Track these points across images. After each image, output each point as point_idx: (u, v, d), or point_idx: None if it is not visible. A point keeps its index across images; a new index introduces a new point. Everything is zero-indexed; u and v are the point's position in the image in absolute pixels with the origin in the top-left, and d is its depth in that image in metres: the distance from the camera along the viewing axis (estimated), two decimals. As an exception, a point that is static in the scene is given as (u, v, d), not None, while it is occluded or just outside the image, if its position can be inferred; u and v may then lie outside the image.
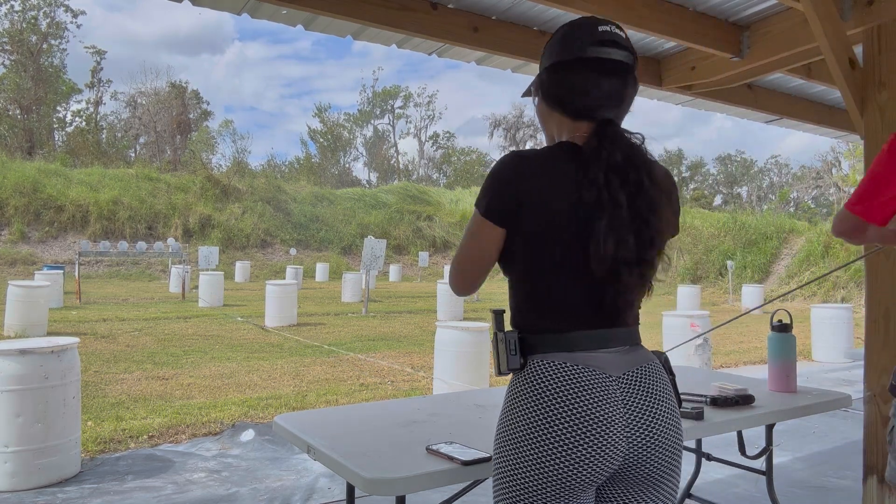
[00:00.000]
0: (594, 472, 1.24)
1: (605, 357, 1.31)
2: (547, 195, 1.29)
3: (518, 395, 1.31)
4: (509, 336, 1.34)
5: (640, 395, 1.30)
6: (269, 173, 43.65)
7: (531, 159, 1.33)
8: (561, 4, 2.98)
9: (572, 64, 1.35)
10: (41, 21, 43.06)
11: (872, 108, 2.96)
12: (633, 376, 1.31)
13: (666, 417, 1.32)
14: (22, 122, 42.04)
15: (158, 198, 30.26)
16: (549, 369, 1.28)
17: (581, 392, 1.25)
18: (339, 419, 2.03)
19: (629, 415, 1.28)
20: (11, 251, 24.60)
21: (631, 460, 1.28)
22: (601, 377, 1.28)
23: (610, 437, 1.25)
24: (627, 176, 1.28)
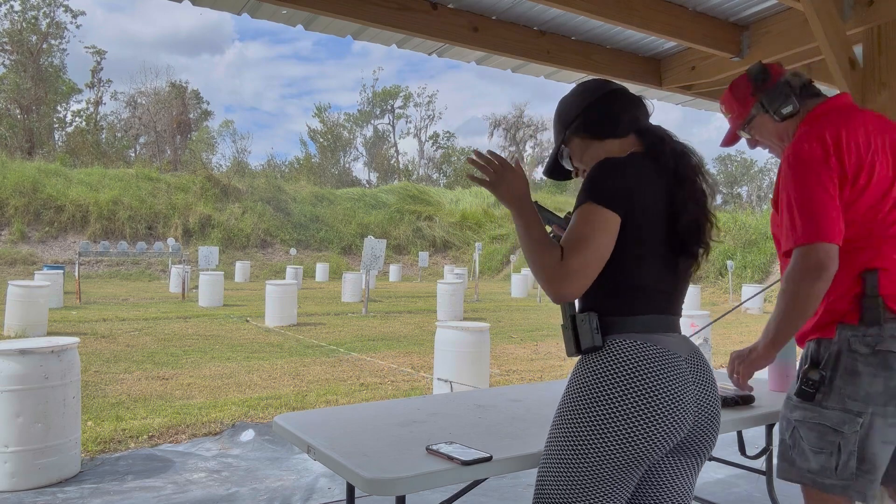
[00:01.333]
0: (666, 444, 1.39)
1: (673, 340, 1.46)
2: (643, 186, 1.46)
3: (598, 373, 1.42)
4: (591, 317, 1.44)
5: (702, 376, 1.48)
6: (269, 173, 43.68)
7: (623, 158, 1.50)
8: (561, 4, 2.98)
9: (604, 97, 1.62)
10: (41, 21, 43.08)
11: (872, 108, 2.96)
12: (695, 359, 1.49)
13: (716, 398, 1.52)
14: (22, 122, 42.04)
15: (158, 198, 30.26)
16: (630, 348, 1.40)
17: (661, 371, 1.39)
18: (339, 419, 2.03)
19: (697, 393, 1.44)
20: (11, 251, 24.60)
21: (692, 434, 1.46)
22: (676, 358, 1.42)
23: (684, 412, 1.39)
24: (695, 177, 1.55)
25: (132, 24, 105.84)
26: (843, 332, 1.82)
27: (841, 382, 1.80)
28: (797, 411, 1.87)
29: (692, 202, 1.50)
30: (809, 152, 1.80)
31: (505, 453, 1.68)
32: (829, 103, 1.97)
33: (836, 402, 1.79)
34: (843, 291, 1.83)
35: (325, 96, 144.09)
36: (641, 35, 3.69)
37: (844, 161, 1.78)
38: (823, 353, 1.85)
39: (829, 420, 1.80)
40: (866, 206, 1.80)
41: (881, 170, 1.81)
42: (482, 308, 17.01)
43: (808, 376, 1.85)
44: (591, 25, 3.61)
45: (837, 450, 1.78)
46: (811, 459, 1.83)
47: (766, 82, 2.03)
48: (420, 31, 3.23)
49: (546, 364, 8.71)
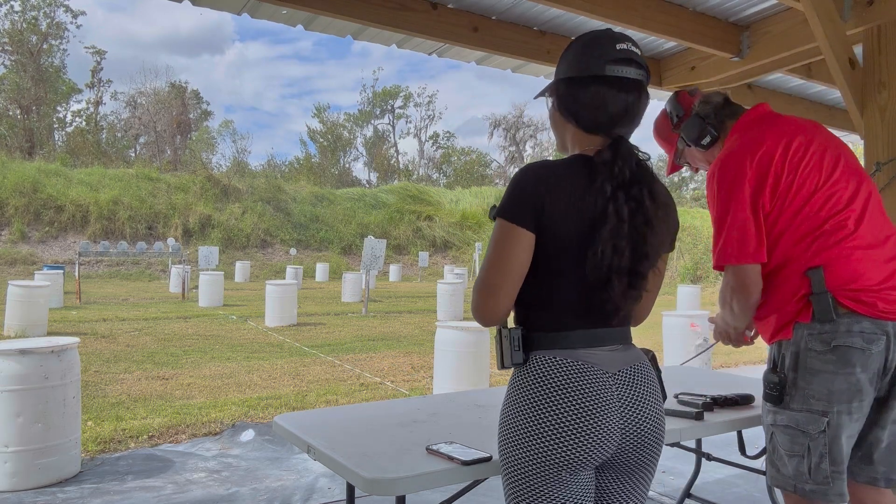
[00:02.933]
0: (589, 455, 1.35)
1: (601, 355, 1.41)
2: (562, 203, 1.37)
3: (520, 388, 1.40)
4: (513, 333, 1.42)
5: (633, 391, 1.41)
6: (269, 173, 43.71)
7: (548, 168, 1.40)
8: (561, 4, 2.99)
9: (590, 81, 1.42)
10: (41, 21, 43.08)
11: (872, 108, 2.96)
12: (627, 374, 1.42)
13: (654, 413, 1.44)
14: (22, 122, 42.04)
15: (158, 198, 30.26)
16: (551, 364, 1.38)
17: (580, 386, 1.35)
18: (339, 419, 2.03)
19: (623, 409, 1.39)
20: (11, 251, 24.60)
21: (622, 449, 1.40)
22: (599, 373, 1.38)
23: (605, 427, 1.35)
24: (631, 191, 1.37)
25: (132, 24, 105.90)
26: (799, 330, 1.83)
27: (803, 382, 1.81)
28: (770, 416, 1.89)
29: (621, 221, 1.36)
30: (729, 172, 1.89)
31: (505, 453, 1.68)
32: (746, 117, 2.02)
33: (801, 403, 1.80)
34: (791, 292, 1.85)
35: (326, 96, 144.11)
36: (641, 35, 3.68)
37: (767, 171, 1.84)
38: (783, 354, 1.86)
39: (795, 422, 1.81)
40: (798, 207, 1.83)
41: (808, 171, 1.84)
42: (482, 308, 16.99)
43: (768, 379, 1.87)
44: (591, 25, 3.61)
45: (808, 451, 1.78)
46: (787, 464, 1.83)
47: (681, 118, 2.15)
48: (420, 31, 3.23)
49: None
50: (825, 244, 1.82)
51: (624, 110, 1.42)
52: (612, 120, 1.42)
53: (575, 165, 1.40)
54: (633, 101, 1.42)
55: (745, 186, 1.85)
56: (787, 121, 1.96)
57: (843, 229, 1.82)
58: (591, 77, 1.42)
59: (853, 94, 2.98)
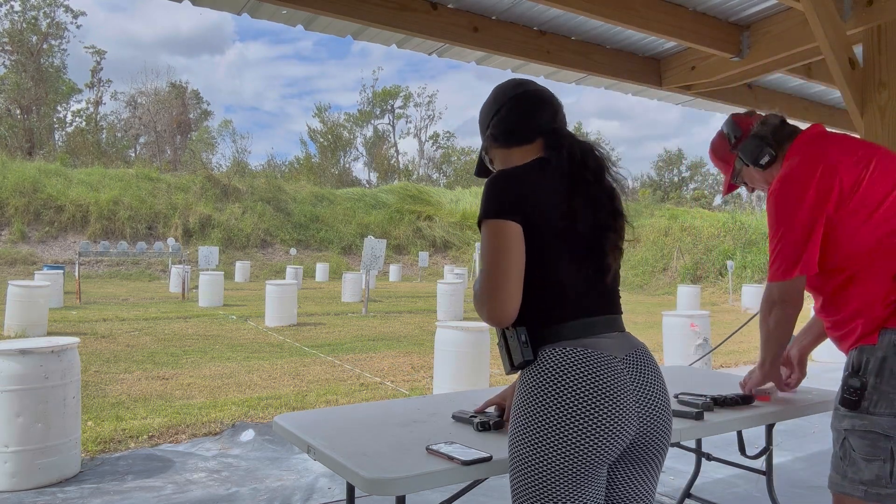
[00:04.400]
0: (612, 447, 1.35)
1: (607, 342, 1.43)
2: (541, 194, 1.43)
3: (535, 385, 1.39)
4: (518, 331, 1.42)
5: (642, 374, 1.43)
6: (269, 173, 43.68)
7: (517, 168, 1.47)
8: (561, 4, 2.99)
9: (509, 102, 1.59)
10: (41, 21, 43.08)
11: (872, 108, 2.96)
12: (634, 358, 1.45)
13: (663, 394, 1.47)
14: (22, 122, 42.04)
15: (158, 198, 30.26)
16: (563, 356, 1.38)
17: (596, 374, 1.36)
18: (339, 419, 2.03)
19: (637, 391, 1.40)
20: (11, 251, 24.60)
21: (640, 434, 1.41)
22: (610, 359, 1.39)
23: (625, 412, 1.36)
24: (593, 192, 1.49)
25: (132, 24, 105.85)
26: (887, 336, 1.82)
27: (889, 387, 1.79)
28: (845, 420, 1.86)
29: (589, 205, 1.47)
30: (790, 189, 1.93)
31: (505, 453, 1.68)
32: (803, 136, 2.06)
33: (886, 407, 1.78)
34: (879, 298, 1.85)
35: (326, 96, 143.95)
36: (641, 35, 3.69)
37: (832, 182, 1.87)
38: (866, 359, 1.84)
39: (879, 426, 1.79)
40: (871, 210, 1.85)
41: (875, 177, 1.87)
42: (482, 308, 16.98)
43: (848, 384, 1.85)
44: (591, 25, 3.61)
45: (891, 456, 1.76)
46: (864, 469, 1.81)
47: (739, 139, 2.20)
48: (420, 31, 3.23)
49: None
50: None
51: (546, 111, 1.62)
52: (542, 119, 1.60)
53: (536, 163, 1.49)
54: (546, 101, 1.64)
55: (805, 203, 1.89)
56: (845, 137, 2.03)
57: None
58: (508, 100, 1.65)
59: (853, 94, 2.98)
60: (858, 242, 1.87)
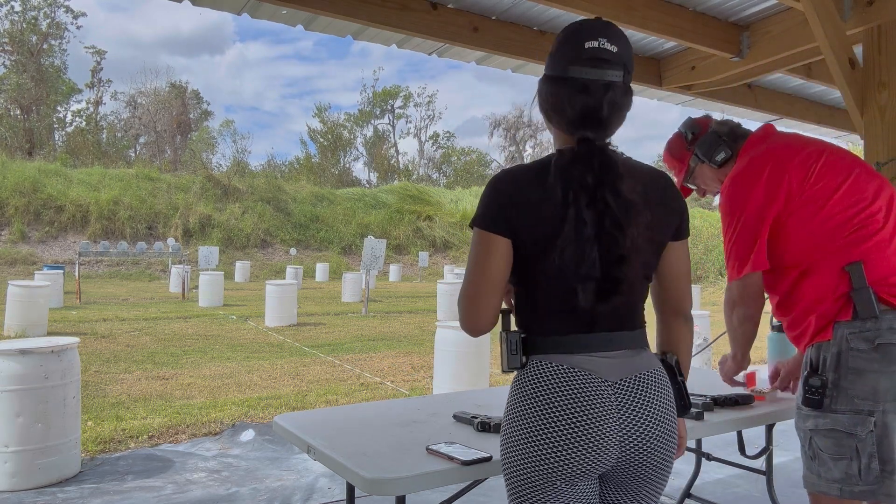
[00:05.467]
0: (583, 465, 1.30)
1: (602, 361, 1.35)
2: (532, 206, 1.34)
3: (517, 392, 1.38)
4: (512, 336, 1.39)
5: (637, 401, 1.34)
6: (269, 173, 43.68)
7: (519, 174, 1.38)
8: (561, 4, 2.99)
9: (555, 80, 1.39)
10: (41, 21, 43.09)
11: (872, 108, 2.96)
12: (631, 382, 1.35)
13: (661, 425, 1.36)
14: (22, 122, 42.05)
15: (158, 198, 30.27)
16: (546, 370, 1.34)
17: (574, 394, 1.31)
18: (339, 419, 2.03)
19: (623, 419, 1.32)
20: (11, 251, 24.60)
21: (623, 463, 1.34)
22: (596, 381, 1.32)
23: (601, 438, 1.30)
24: (595, 195, 1.31)
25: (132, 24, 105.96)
26: (840, 330, 1.80)
27: (847, 383, 1.77)
28: (809, 420, 1.85)
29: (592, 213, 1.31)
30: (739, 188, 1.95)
31: (505, 453, 1.68)
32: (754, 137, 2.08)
33: (846, 404, 1.77)
34: (829, 290, 1.83)
35: (326, 96, 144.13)
36: (641, 35, 3.68)
37: (782, 178, 1.88)
38: (823, 356, 1.83)
39: (841, 424, 1.77)
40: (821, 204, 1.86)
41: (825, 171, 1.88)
42: (482, 308, 16.98)
43: (809, 383, 1.84)
44: (591, 25, 3.60)
45: (856, 453, 1.75)
46: (833, 468, 1.80)
47: (696, 136, 2.20)
48: (420, 31, 3.23)
49: (546, 364, 8.71)
50: (857, 239, 1.82)
51: (584, 113, 1.35)
52: (575, 123, 1.37)
53: (540, 169, 1.36)
54: (592, 103, 1.34)
55: (754, 201, 1.89)
56: (794, 135, 2.04)
57: (873, 224, 1.83)
58: (556, 77, 1.39)
59: (853, 94, 2.98)
60: (808, 237, 1.86)
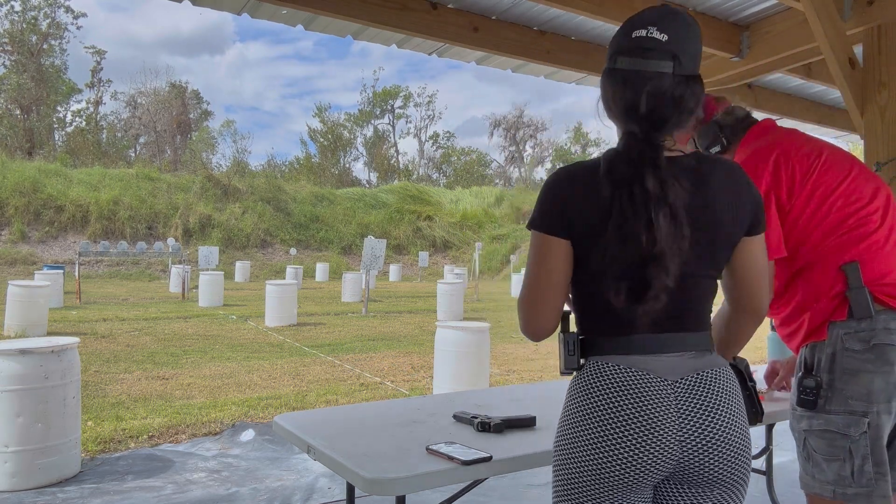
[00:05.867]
0: (643, 472, 1.26)
1: (661, 361, 1.31)
2: (585, 205, 1.31)
3: (574, 394, 1.36)
4: (569, 337, 1.38)
5: (698, 400, 1.29)
6: (269, 173, 43.68)
7: (574, 172, 1.35)
8: (561, 4, 2.99)
9: (605, 73, 1.37)
10: (41, 21, 43.10)
11: (872, 108, 2.96)
12: (692, 381, 1.30)
13: (727, 424, 1.30)
14: (22, 122, 42.05)
15: (158, 198, 30.27)
16: (604, 371, 1.31)
17: (632, 395, 1.28)
18: (339, 419, 2.03)
19: (683, 420, 1.27)
20: (11, 251, 24.60)
21: (686, 464, 1.28)
22: (655, 381, 1.29)
23: (660, 440, 1.26)
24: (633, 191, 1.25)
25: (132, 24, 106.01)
26: (835, 330, 1.79)
27: (841, 384, 1.76)
28: (803, 421, 1.84)
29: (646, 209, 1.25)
30: None
31: (505, 453, 1.68)
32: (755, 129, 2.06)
33: (840, 405, 1.76)
34: (825, 289, 1.82)
35: (326, 96, 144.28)
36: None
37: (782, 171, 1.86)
38: (818, 357, 1.82)
39: (834, 425, 1.76)
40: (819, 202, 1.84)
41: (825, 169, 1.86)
42: (482, 308, 17.00)
43: (803, 384, 1.82)
44: (591, 25, 3.61)
45: (849, 455, 1.74)
46: (826, 469, 1.78)
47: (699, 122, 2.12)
48: (420, 31, 3.23)
49: (546, 364, 8.71)
50: (854, 238, 1.80)
51: (627, 107, 1.31)
52: (619, 117, 1.34)
53: (594, 166, 1.33)
54: (632, 96, 1.29)
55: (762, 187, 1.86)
56: (795, 130, 2.02)
57: (870, 223, 1.81)
58: (605, 70, 1.37)
59: (853, 94, 2.98)
60: (807, 233, 1.84)
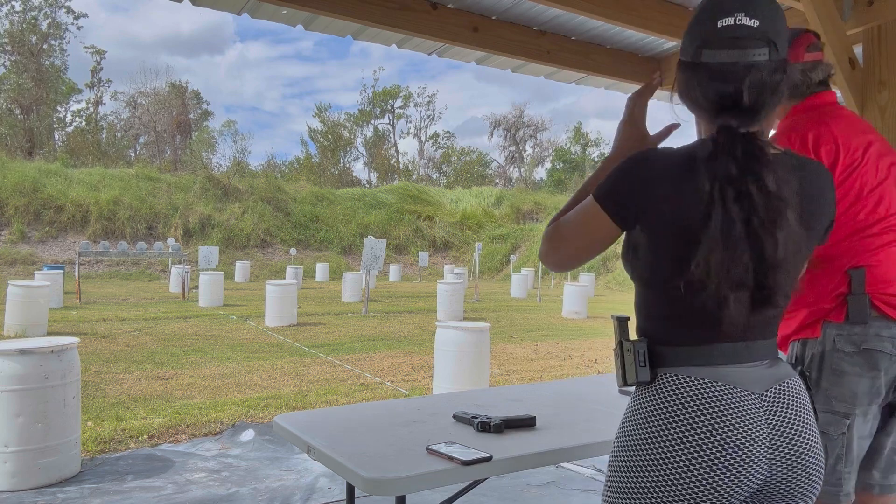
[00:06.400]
0: (732, 494, 1.17)
1: (745, 372, 1.21)
2: (673, 200, 1.19)
3: (646, 412, 1.23)
4: (637, 346, 1.25)
5: (784, 412, 1.22)
6: (269, 173, 43.67)
7: (664, 159, 1.22)
8: (561, 4, 2.99)
9: (687, 66, 1.26)
10: (42, 22, 43.11)
11: (872, 108, 2.96)
12: (777, 393, 1.22)
13: (809, 435, 1.24)
14: (22, 122, 42.05)
15: (158, 198, 30.26)
16: (684, 385, 1.20)
17: (721, 410, 1.17)
18: (339, 419, 2.03)
19: (773, 434, 1.19)
20: (11, 251, 24.60)
21: (773, 480, 1.20)
22: (743, 394, 1.19)
23: (752, 458, 1.17)
24: (741, 189, 1.15)
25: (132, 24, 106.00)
26: (828, 330, 1.80)
27: (827, 383, 1.78)
28: None
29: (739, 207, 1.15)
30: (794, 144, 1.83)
31: (505, 453, 1.68)
32: (812, 101, 1.97)
33: (822, 404, 1.78)
34: (827, 290, 1.82)
35: (326, 96, 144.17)
36: (641, 35, 3.68)
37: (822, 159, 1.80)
38: (808, 353, 1.83)
39: None
40: (848, 204, 1.81)
41: (864, 169, 1.82)
42: (482, 308, 17.01)
43: None
44: (591, 25, 3.61)
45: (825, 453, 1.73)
46: None
47: None
48: (420, 31, 3.23)
49: (546, 364, 8.71)
50: (870, 245, 1.79)
51: (722, 101, 1.21)
52: (709, 111, 1.24)
53: (686, 157, 1.21)
54: (733, 89, 1.19)
55: None
56: (854, 118, 1.93)
57: (891, 233, 1.80)
58: (686, 63, 1.26)
59: (853, 94, 2.98)
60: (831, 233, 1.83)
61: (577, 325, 13.92)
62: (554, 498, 3.71)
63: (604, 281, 28.16)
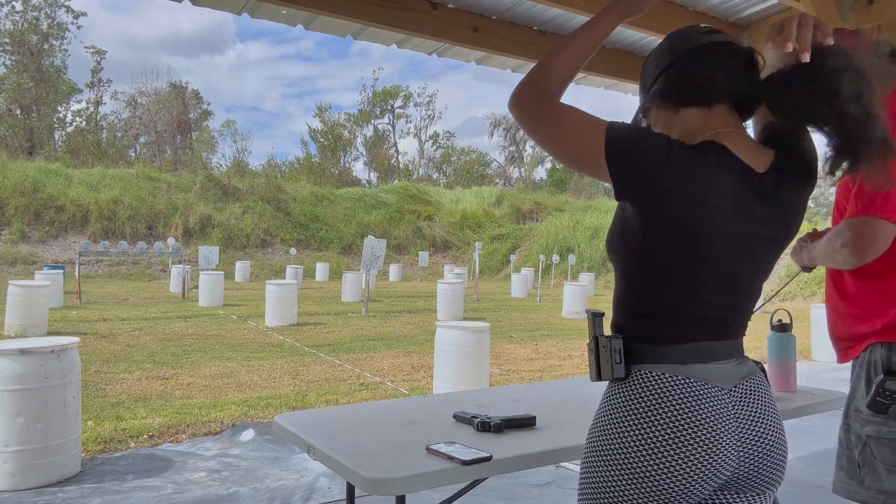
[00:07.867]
0: (702, 486, 1.20)
1: (717, 369, 1.25)
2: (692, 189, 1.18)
3: (620, 408, 1.25)
4: (613, 343, 1.26)
5: (751, 407, 1.26)
6: (269, 173, 43.67)
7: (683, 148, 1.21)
8: (561, 4, 2.99)
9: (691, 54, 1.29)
10: (42, 21, 43.11)
11: (872, 108, 2.96)
12: (745, 389, 1.27)
13: (774, 428, 1.29)
14: (22, 122, 42.05)
15: (159, 198, 30.26)
16: (658, 381, 1.22)
17: (693, 405, 1.20)
18: (339, 419, 2.03)
19: (741, 427, 1.24)
20: (11, 251, 24.60)
21: (741, 471, 1.25)
22: (713, 390, 1.22)
23: (722, 450, 1.21)
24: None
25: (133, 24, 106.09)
26: None
27: None
28: (869, 426, 1.70)
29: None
30: None
31: (505, 453, 1.68)
32: None
33: None
34: None
35: (326, 96, 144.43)
36: (641, 35, 3.68)
37: None
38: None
39: None
40: None
41: None
42: (482, 308, 17.00)
43: (884, 387, 1.65)
44: (591, 25, 3.61)
45: None
46: (884, 479, 1.67)
47: None
48: (420, 31, 3.23)
49: (546, 364, 8.71)
50: None
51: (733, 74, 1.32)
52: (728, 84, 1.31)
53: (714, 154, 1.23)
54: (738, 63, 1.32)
55: None
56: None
57: None
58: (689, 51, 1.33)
59: (853, 94, 2.97)
60: None
61: (577, 324, 13.92)
62: (554, 498, 3.71)
63: (604, 281, 28.16)
